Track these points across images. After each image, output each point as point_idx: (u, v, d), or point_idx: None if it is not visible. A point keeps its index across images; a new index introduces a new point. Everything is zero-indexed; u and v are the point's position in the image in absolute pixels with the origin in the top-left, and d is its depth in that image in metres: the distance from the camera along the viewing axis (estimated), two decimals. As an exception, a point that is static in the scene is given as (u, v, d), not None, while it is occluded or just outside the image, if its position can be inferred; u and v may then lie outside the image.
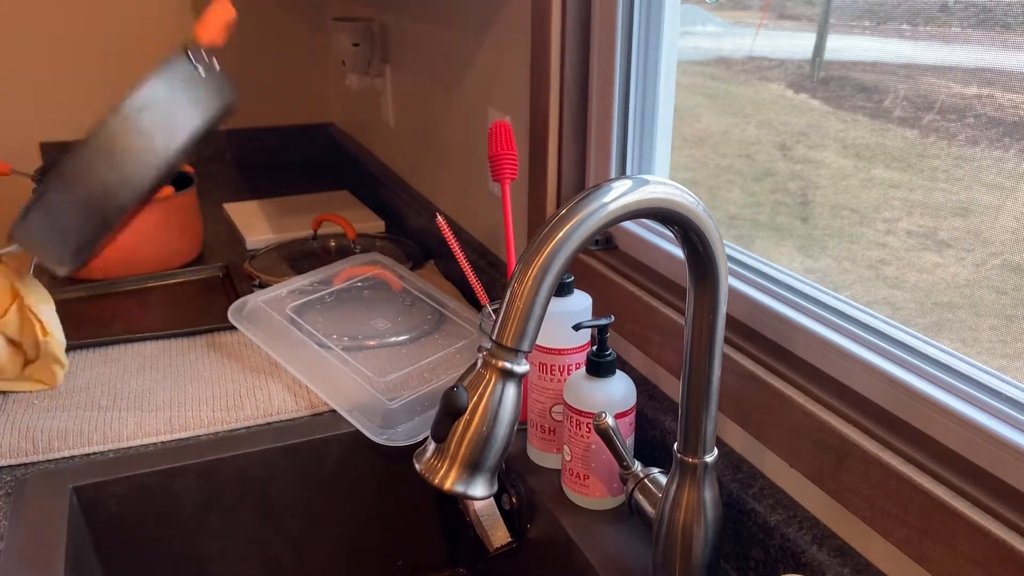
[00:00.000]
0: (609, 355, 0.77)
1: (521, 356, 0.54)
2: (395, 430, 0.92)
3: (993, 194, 0.59)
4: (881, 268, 0.70)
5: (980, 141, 0.60)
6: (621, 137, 0.97)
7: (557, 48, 0.98)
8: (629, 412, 0.78)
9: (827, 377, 0.69)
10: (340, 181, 1.91)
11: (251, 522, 0.93)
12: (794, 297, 0.74)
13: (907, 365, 0.63)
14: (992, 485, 0.55)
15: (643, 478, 0.74)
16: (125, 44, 1.91)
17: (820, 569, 0.64)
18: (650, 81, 0.93)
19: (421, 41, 1.43)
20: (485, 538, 0.87)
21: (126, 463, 0.87)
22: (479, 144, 1.25)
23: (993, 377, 0.59)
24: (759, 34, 0.83)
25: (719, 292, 0.60)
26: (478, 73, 1.21)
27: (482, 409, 0.54)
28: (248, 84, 2.04)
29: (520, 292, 0.52)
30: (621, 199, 0.54)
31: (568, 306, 0.82)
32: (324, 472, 0.94)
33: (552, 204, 1.04)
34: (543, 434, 0.86)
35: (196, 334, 1.15)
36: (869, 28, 0.68)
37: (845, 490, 0.63)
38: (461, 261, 0.98)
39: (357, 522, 0.98)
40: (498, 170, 0.91)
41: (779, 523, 0.68)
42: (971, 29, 0.59)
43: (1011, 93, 0.58)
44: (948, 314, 0.64)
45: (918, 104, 0.64)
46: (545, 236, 0.53)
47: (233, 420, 0.94)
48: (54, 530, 0.78)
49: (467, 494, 0.55)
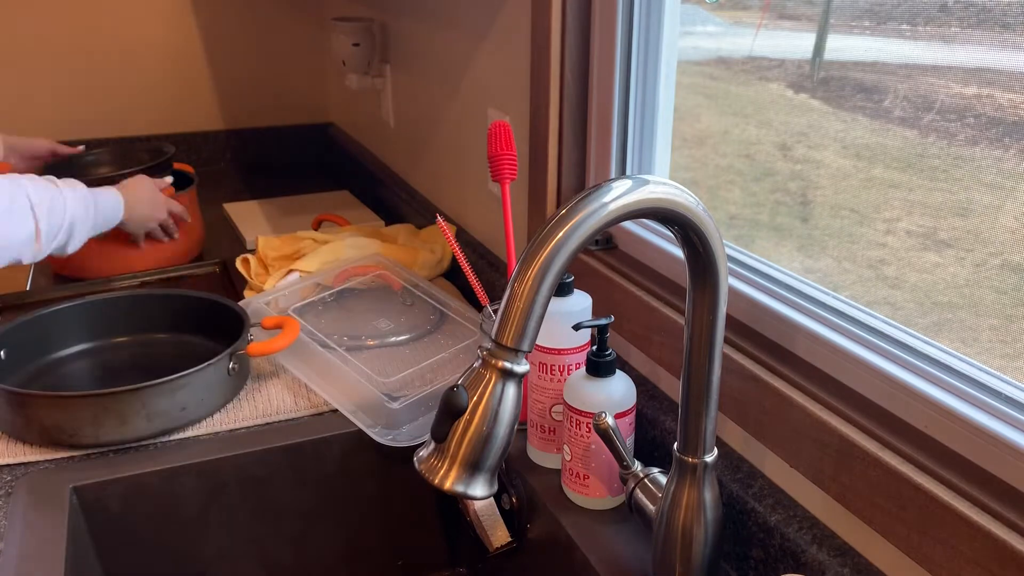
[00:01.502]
0: (609, 355, 0.77)
1: (521, 356, 0.54)
2: (399, 431, 0.92)
3: (993, 194, 0.59)
4: (881, 268, 0.70)
5: (980, 141, 0.60)
6: (621, 137, 0.97)
7: (557, 48, 0.98)
8: (629, 412, 0.78)
9: (827, 377, 0.69)
10: (340, 181, 1.91)
11: (251, 522, 0.93)
12: (794, 297, 0.74)
13: (907, 365, 0.63)
14: (992, 485, 0.55)
15: (643, 478, 0.74)
16: (125, 45, 1.91)
17: (820, 569, 0.64)
18: (650, 81, 0.93)
19: (421, 41, 1.43)
20: (485, 538, 0.87)
21: (126, 463, 0.87)
22: (479, 144, 1.25)
23: (993, 377, 0.59)
24: (759, 34, 0.83)
25: (719, 292, 0.60)
26: (478, 73, 1.21)
27: (482, 409, 0.54)
28: (248, 84, 2.04)
29: (520, 292, 0.52)
30: (621, 199, 0.54)
31: (568, 306, 0.82)
32: (324, 472, 0.94)
33: (552, 204, 1.04)
34: (543, 434, 0.86)
35: (196, 334, 1.15)
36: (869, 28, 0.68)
37: (845, 490, 0.63)
38: (461, 261, 0.98)
39: (357, 522, 0.98)
40: (498, 170, 0.91)
41: (779, 523, 0.68)
42: (971, 29, 0.59)
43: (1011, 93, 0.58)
44: (948, 314, 0.64)
45: (918, 104, 0.64)
46: (545, 236, 0.53)
47: (233, 420, 0.94)
48: (54, 530, 0.78)
49: (467, 494, 0.55)
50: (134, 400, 0.88)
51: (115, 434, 0.88)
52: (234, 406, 0.97)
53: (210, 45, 1.98)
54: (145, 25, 1.91)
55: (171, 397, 0.90)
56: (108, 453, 0.89)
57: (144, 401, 0.88)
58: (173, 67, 1.96)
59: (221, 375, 0.94)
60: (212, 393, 0.93)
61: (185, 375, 0.90)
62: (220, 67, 2.01)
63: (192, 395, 0.91)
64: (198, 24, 1.96)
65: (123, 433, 0.89)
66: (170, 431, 0.91)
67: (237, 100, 2.04)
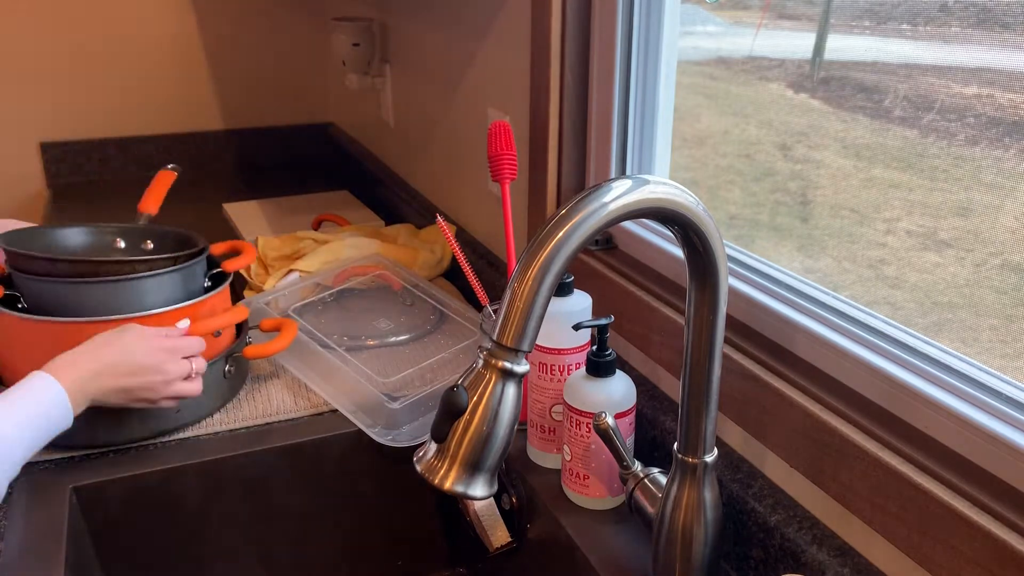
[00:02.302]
0: (609, 355, 0.77)
1: (521, 356, 0.54)
2: (399, 431, 0.92)
3: (993, 194, 0.59)
4: (881, 268, 0.70)
5: (980, 141, 0.60)
6: (621, 137, 0.97)
7: (557, 48, 0.98)
8: (629, 412, 0.78)
9: (827, 377, 0.69)
10: (340, 181, 1.91)
11: (251, 522, 0.93)
12: (794, 297, 0.74)
13: (907, 365, 0.63)
14: (992, 485, 0.55)
15: (643, 478, 0.74)
16: (125, 44, 1.91)
17: (820, 569, 0.64)
18: (650, 81, 0.93)
19: (421, 41, 1.43)
20: (485, 538, 0.87)
21: (126, 463, 0.87)
22: (479, 144, 1.25)
23: (993, 377, 0.59)
24: (759, 34, 0.83)
25: (719, 292, 0.60)
26: (478, 73, 1.21)
27: (482, 409, 0.54)
28: (248, 84, 2.04)
29: (520, 292, 0.52)
30: (621, 199, 0.54)
31: (568, 306, 0.82)
32: (324, 472, 0.94)
33: (552, 204, 1.04)
34: (543, 434, 0.86)
35: (196, 334, 1.15)
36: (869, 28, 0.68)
37: (845, 490, 0.63)
38: (461, 261, 0.98)
39: (357, 522, 0.98)
40: (498, 170, 0.91)
41: (779, 523, 0.68)
42: (971, 29, 0.59)
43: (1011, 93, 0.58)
44: (948, 314, 0.64)
45: (918, 104, 0.64)
46: (545, 236, 0.53)
47: (233, 420, 0.94)
48: (54, 530, 0.78)
49: (467, 494, 0.55)
50: None
51: (110, 435, 0.88)
52: (234, 406, 0.97)
53: (210, 45, 1.98)
54: (145, 25, 1.91)
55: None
56: (108, 453, 0.89)
57: None
58: (173, 67, 1.96)
59: (217, 377, 0.94)
60: (208, 395, 0.93)
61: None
62: (220, 67, 2.01)
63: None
64: (198, 24, 1.96)
65: (117, 435, 0.88)
66: (165, 432, 0.91)
67: (237, 100, 2.04)
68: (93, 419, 0.85)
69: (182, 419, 0.91)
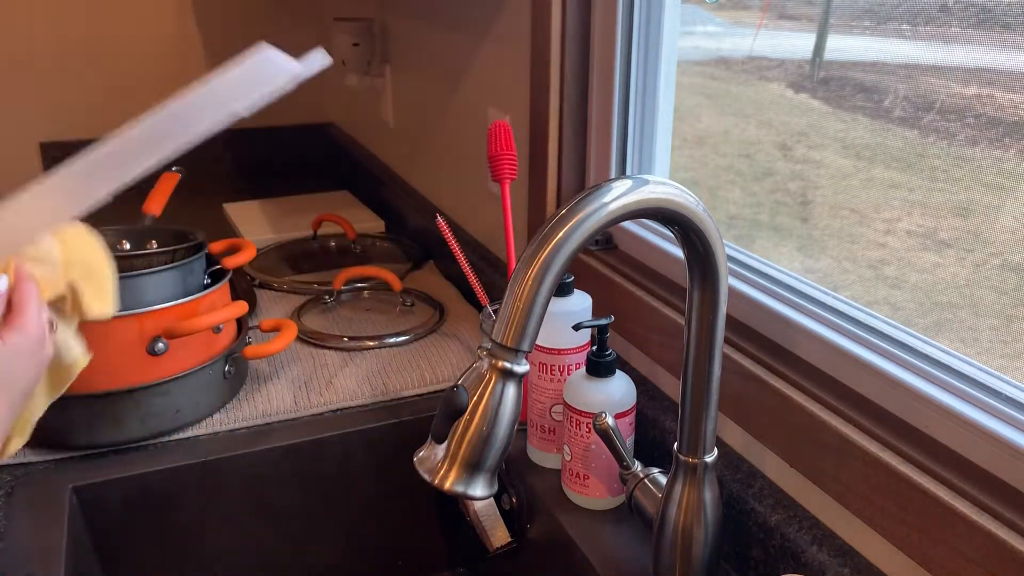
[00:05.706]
0: (609, 355, 0.77)
1: (521, 356, 0.54)
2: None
3: (993, 194, 0.59)
4: (881, 268, 0.70)
5: (980, 141, 0.60)
6: (621, 137, 0.97)
7: (557, 48, 0.98)
8: (629, 412, 0.78)
9: (827, 377, 0.69)
10: (340, 181, 1.91)
11: (251, 522, 0.93)
12: (794, 297, 0.74)
13: (907, 365, 0.63)
14: (992, 485, 0.55)
15: (643, 478, 0.74)
16: (124, 44, 1.91)
17: (820, 569, 0.64)
18: (650, 81, 0.93)
19: (421, 41, 1.43)
20: (485, 538, 0.87)
21: (126, 463, 0.87)
22: (479, 144, 1.25)
23: (993, 377, 0.59)
24: (759, 34, 0.83)
25: (719, 292, 0.60)
26: (478, 73, 1.21)
27: (482, 409, 0.54)
28: (248, 84, 2.04)
29: (520, 292, 0.52)
30: (621, 199, 0.54)
31: (568, 306, 0.82)
32: (324, 472, 0.94)
33: (552, 204, 1.04)
34: (543, 434, 0.86)
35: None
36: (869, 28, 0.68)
37: (845, 490, 0.63)
38: (461, 261, 0.98)
39: (357, 522, 0.98)
40: (498, 170, 0.91)
41: (779, 523, 0.68)
42: (971, 29, 0.59)
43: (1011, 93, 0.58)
44: (948, 314, 0.64)
45: (918, 104, 0.64)
46: (545, 236, 0.53)
47: (233, 420, 0.94)
48: (54, 530, 0.78)
49: (467, 494, 0.55)
50: (128, 401, 0.87)
51: (109, 436, 0.88)
52: (234, 406, 0.97)
53: (210, 45, 1.98)
54: (146, 25, 1.91)
55: (165, 399, 0.89)
56: (108, 453, 0.89)
57: (138, 402, 0.88)
58: (173, 67, 1.96)
59: (217, 377, 0.94)
60: (207, 395, 0.93)
61: (180, 377, 0.89)
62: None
63: (187, 397, 0.91)
64: (198, 24, 1.96)
65: (117, 435, 0.88)
66: (165, 433, 0.91)
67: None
68: (93, 419, 0.85)
69: (182, 419, 0.91)
